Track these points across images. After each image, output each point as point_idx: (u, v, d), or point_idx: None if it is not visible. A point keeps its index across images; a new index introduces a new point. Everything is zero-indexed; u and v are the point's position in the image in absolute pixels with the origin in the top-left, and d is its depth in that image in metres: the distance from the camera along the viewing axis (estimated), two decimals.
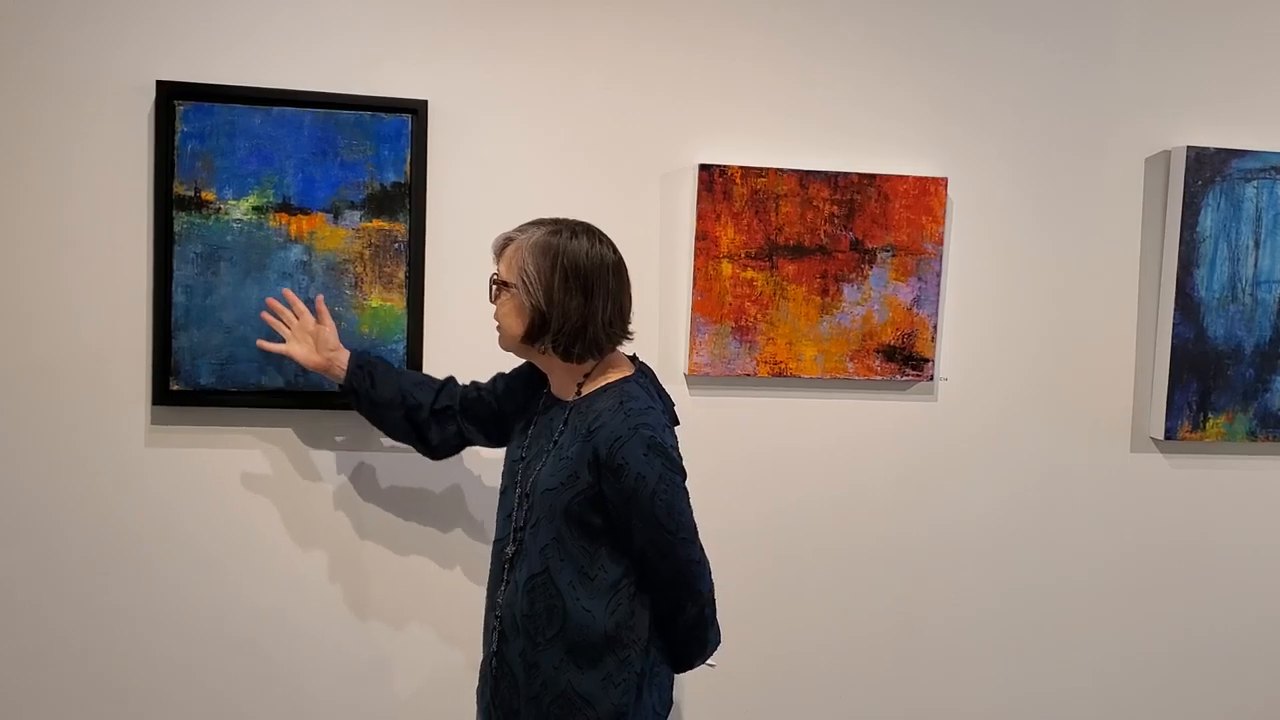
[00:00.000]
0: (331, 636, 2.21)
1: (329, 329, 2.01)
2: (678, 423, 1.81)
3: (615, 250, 1.73)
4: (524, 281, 1.68)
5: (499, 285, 1.74)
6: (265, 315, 2.04)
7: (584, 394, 1.74)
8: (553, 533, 1.67)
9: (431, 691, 2.26)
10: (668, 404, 1.81)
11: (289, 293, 2.04)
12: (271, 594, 2.18)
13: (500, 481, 1.86)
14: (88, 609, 2.12)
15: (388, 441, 2.18)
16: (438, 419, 1.97)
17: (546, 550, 1.67)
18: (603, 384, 1.73)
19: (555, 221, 1.72)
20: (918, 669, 2.46)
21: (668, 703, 1.76)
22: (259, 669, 2.19)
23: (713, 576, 1.76)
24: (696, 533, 1.71)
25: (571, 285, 1.66)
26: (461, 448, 2.04)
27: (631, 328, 1.77)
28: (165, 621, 2.15)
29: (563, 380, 1.78)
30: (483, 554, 2.25)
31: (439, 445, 1.99)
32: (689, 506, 1.70)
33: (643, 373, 1.80)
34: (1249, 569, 2.56)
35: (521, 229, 1.72)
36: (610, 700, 1.65)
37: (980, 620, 2.47)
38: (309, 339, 2.01)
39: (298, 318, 2.02)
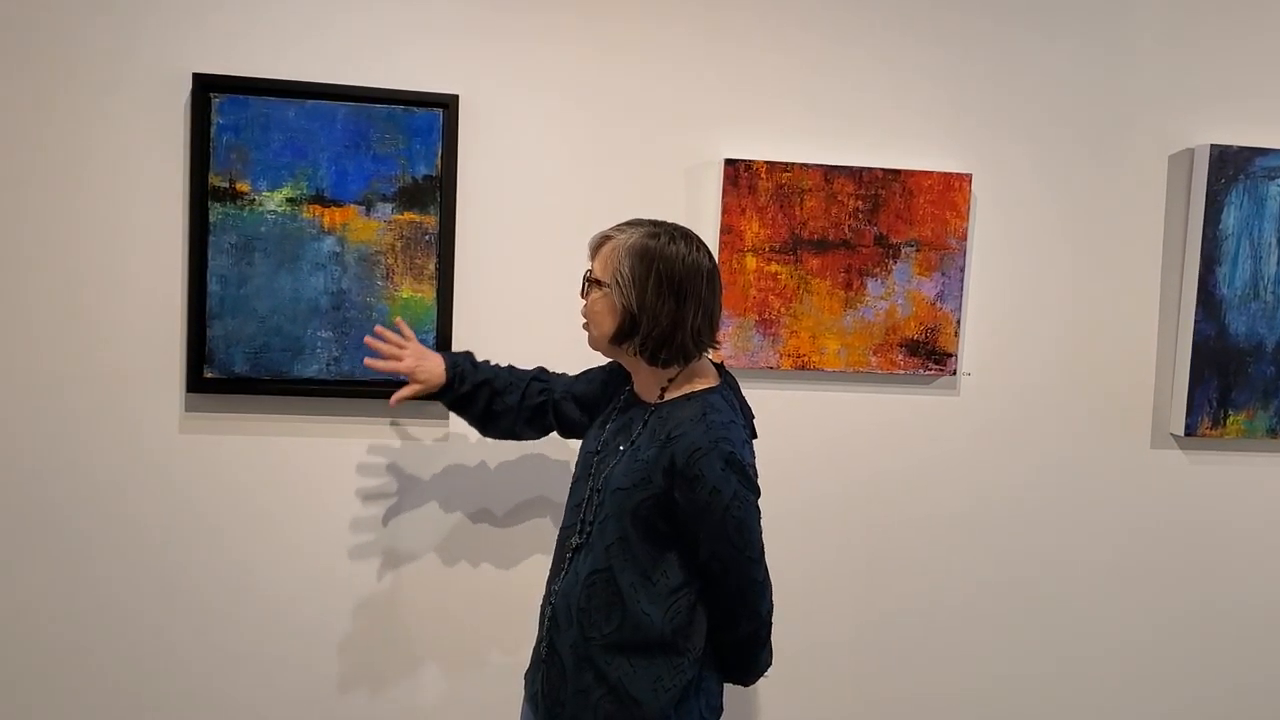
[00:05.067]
0: (363, 622, 2.25)
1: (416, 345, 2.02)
2: (756, 436, 1.79)
3: (711, 257, 1.72)
4: (618, 282, 1.67)
5: (593, 283, 1.73)
6: (372, 341, 2.00)
7: (667, 399, 1.73)
8: (619, 532, 1.67)
9: (469, 682, 2.30)
10: (748, 416, 1.80)
11: (380, 329, 2.02)
12: (303, 581, 2.22)
13: (574, 471, 1.86)
14: (119, 593, 2.16)
15: (419, 431, 2.22)
16: (539, 408, 1.98)
17: (611, 549, 1.68)
18: (687, 391, 1.72)
19: (654, 223, 1.71)
20: (937, 656, 2.48)
21: (716, 709, 1.76)
22: (289, 654, 2.23)
23: (773, 599, 1.75)
24: (763, 553, 1.71)
25: (665, 290, 1.66)
26: (546, 433, 2.04)
27: (719, 336, 1.77)
28: (195, 606, 2.18)
29: (647, 382, 1.77)
30: (515, 543, 2.29)
31: (529, 430, 2.01)
32: (759, 526, 1.69)
33: (728, 385, 1.79)
34: (1267, 565, 2.57)
35: (620, 228, 1.71)
36: (659, 703, 1.65)
37: (998, 613, 2.49)
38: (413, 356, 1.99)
39: (404, 344, 2.01)
